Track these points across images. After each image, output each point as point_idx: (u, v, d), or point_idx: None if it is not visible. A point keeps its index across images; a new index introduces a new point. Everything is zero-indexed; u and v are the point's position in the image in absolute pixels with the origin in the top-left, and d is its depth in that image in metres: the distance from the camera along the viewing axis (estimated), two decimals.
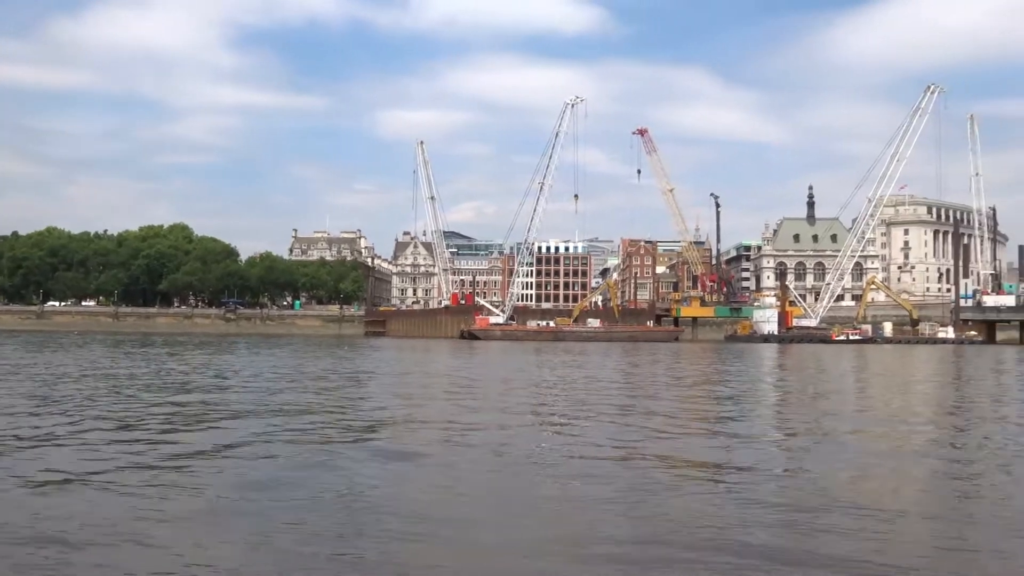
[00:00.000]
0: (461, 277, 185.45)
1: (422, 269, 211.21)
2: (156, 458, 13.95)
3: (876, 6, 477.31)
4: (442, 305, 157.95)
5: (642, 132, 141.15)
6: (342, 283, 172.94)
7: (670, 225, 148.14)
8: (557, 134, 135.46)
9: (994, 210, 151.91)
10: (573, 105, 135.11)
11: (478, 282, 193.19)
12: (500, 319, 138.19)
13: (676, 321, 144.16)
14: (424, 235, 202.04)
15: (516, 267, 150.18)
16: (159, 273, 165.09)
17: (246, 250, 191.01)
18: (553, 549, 8.79)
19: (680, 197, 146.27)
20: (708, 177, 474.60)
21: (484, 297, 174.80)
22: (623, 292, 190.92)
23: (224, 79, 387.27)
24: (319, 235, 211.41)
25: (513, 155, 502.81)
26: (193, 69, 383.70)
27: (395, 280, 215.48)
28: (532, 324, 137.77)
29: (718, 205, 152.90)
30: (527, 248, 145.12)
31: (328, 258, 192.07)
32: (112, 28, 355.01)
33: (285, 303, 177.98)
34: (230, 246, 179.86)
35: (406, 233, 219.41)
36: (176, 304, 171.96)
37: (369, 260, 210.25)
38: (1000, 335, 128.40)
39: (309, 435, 17.30)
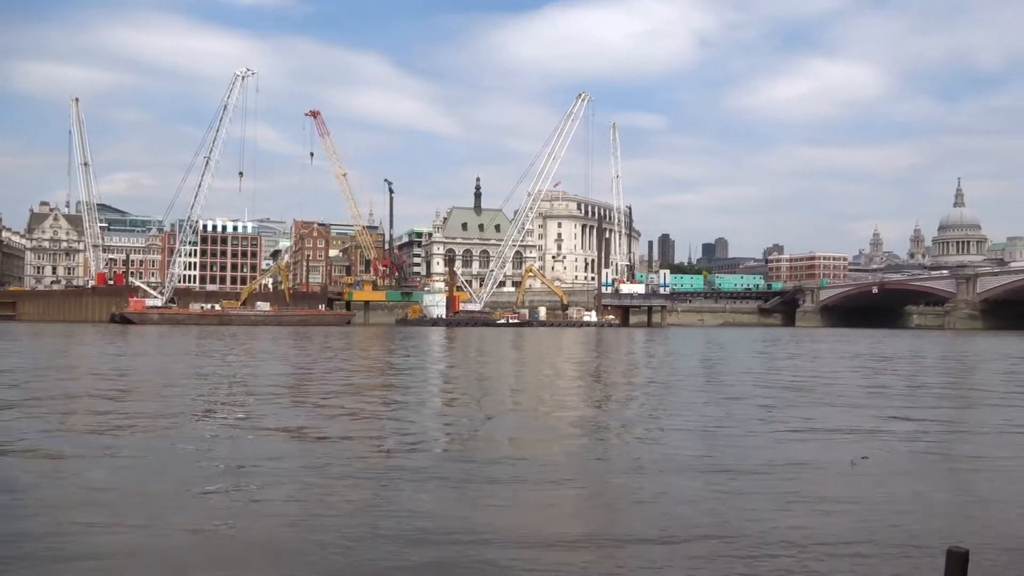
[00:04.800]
0: (113, 255, 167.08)
1: (64, 245, 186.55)
2: None
3: (536, 17, 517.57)
4: (89, 285, 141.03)
5: (314, 114, 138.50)
6: None
7: (344, 209, 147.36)
8: (225, 107, 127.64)
9: (630, 209, 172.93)
10: (243, 78, 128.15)
11: (133, 261, 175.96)
12: (158, 301, 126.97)
13: (348, 305, 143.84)
14: (68, 207, 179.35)
15: (178, 246, 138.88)
16: None
17: None
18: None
19: (354, 181, 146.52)
20: (382, 163, 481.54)
21: (140, 278, 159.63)
22: (295, 275, 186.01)
23: None
24: None
25: (177, 125, 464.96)
26: None
27: (29, 256, 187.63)
28: (195, 307, 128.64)
29: (391, 191, 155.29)
30: (190, 226, 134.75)
31: None
32: None
33: None
34: None
35: (44, 203, 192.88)
36: None
37: None
38: (632, 319, 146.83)
39: None
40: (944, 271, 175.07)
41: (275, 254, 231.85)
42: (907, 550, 8.59)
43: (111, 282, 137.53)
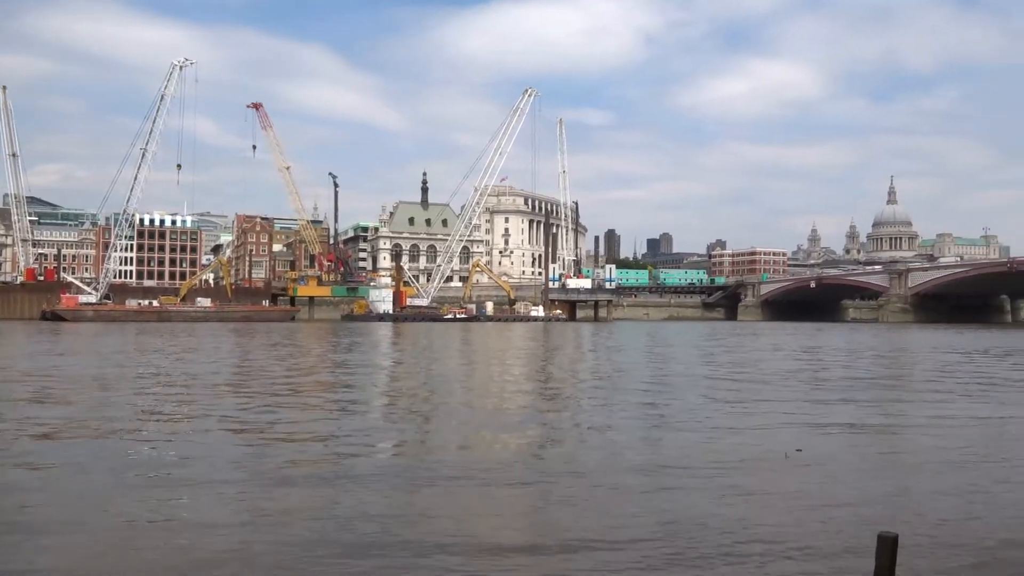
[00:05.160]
0: (43, 250, 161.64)
1: None
2: None
3: (483, 11, 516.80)
4: (18, 281, 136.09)
5: (257, 106, 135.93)
6: None
7: (287, 203, 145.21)
8: (163, 97, 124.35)
9: (577, 204, 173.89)
10: (181, 68, 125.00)
11: (65, 256, 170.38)
12: (92, 298, 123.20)
13: (293, 301, 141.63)
14: None
15: (113, 240, 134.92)
16: None
17: None
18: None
19: (298, 175, 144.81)
20: (327, 157, 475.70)
21: (73, 273, 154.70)
22: (237, 270, 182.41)
23: None
24: None
25: (112, 116, 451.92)
26: None
27: None
28: (132, 304, 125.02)
29: (336, 185, 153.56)
30: (126, 219, 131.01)
31: None
32: None
33: None
34: None
35: None
36: None
37: None
38: (579, 313, 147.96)
39: None
40: (878, 267, 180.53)
41: (216, 249, 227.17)
42: (840, 537, 8.85)
43: (41, 278, 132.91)
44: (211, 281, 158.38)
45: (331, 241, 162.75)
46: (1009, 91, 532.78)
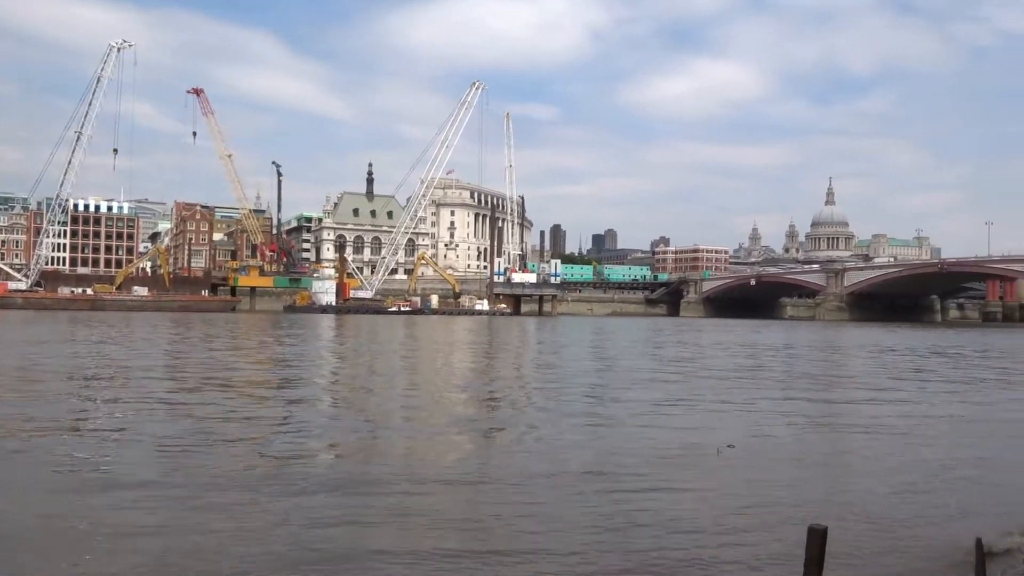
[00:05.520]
0: None
1: None
2: None
3: (431, 2, 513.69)
4: None
5: (198, 92, 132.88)
6: None
7: (229, 191, 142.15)
8: (99, 79, 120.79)
9: (523, 199, 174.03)
10: (119, 49, 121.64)
11: None
12: (23, 285, 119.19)
13: (234, 291, 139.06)
14: None
15: (45, 225, 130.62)
16: None
17: None
18: None
19: (240, 163, 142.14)
20: (271, 145, 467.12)
21: (3, 259, 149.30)
22: (175, 259, 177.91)
23: None
24: None
25: (46, 97, 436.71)
26: None
27: None
28: (65, 291, 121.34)
29: (280, 174, 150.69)
30: (59, 204, 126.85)
31: None
32: None
33: None
34: None
35: None
36: None
37: None
38: (524, 308, 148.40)
39: None
40: (815, 265, 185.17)
41: (154, 237, 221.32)
42: (771, 530, 8.99)
43: None
44: (148, 270, 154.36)
45: (274, 231, 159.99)
46: (942, 96, 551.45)
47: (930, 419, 18.80)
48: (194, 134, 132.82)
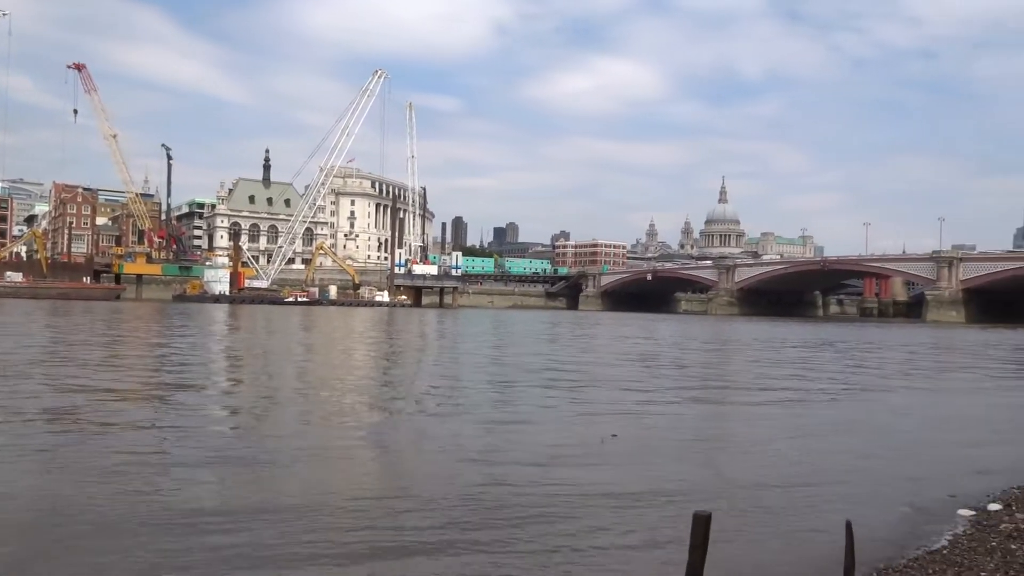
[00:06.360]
0: None
1: None
2: None
3: None
4: None
5: (79, 67, 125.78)
6: None
7: (114, 173, 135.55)
8: None
9: (425, 190, 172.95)
10: None
11: None
12: None
13: (118, 278, 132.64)
14: None
15: None
16: None
17: None
18: None
19: (128, 145, 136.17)
20: (161, 127, 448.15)
21: None
22: (54, 244, 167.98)
23: None
24: None
25: None
26: None
27: None
28: None
29: (170, 158, 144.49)
30: None
31: None
32: None
33: None
34: None
35: None
36: None
37: None
38: (425, 299, 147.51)
39: None
40: (708, 262, 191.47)
41: (30, 220, 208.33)
42: (655, 518, 9.06)
43: None
44: (23, 254, 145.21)
45: (163, 217, 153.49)
46: (826, 103, 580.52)
47: (815, 410, 19.53)
48: (75, 112, 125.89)
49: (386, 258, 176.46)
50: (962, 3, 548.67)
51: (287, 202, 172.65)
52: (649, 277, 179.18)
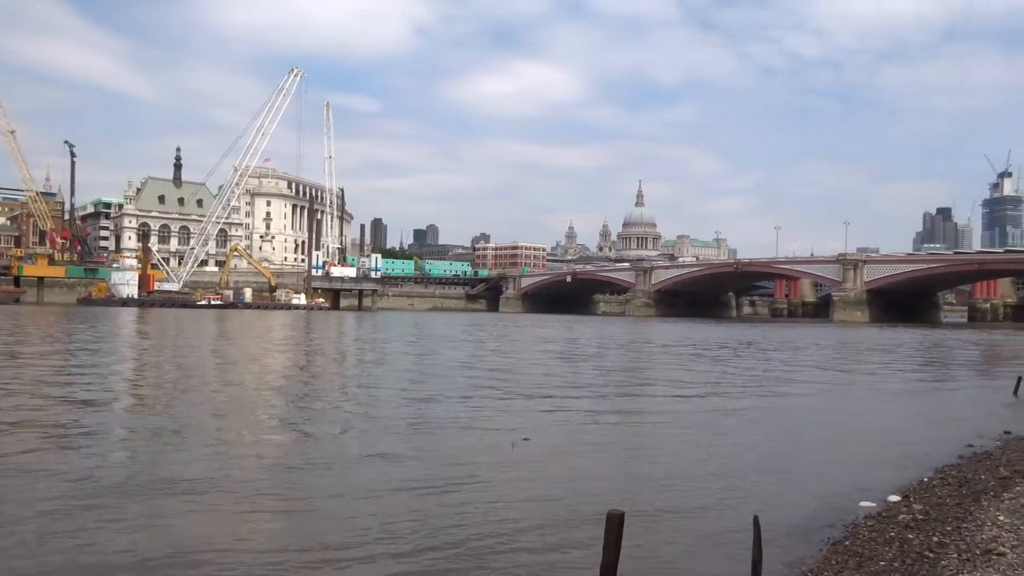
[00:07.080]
0: None
1: None
2: None
3: None
4: None
5: None
6: None
7: (12, 171, 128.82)
8: None
9: (343, 191, 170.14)
10: None
11: None
12: None
13: (17, 281, 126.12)
14: None
15: None
16: None
17: None
18: None
19: (27, 141, 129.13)
20: (63, 123, 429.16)
21: None
22: None
23: None
24: None
25: None
26: None
27: None
28: None
29: (73, 155, 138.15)
30: None
31: None
32: None
33: None
34: None
35: None
36: None
37: None
38: (343, 302, 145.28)
39: None
40: (626, 264, 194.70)
41: None
42: (568, 518, 9.13)
43: None
44: None
45: (66, 217, 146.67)
46: (739, 109, 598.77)
47: (725, 408, 20.04)
48: None
49: (303, 260, 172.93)
50: (863, 18, 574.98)
51: (199, 202, 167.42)
52: (569, 279, 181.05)
